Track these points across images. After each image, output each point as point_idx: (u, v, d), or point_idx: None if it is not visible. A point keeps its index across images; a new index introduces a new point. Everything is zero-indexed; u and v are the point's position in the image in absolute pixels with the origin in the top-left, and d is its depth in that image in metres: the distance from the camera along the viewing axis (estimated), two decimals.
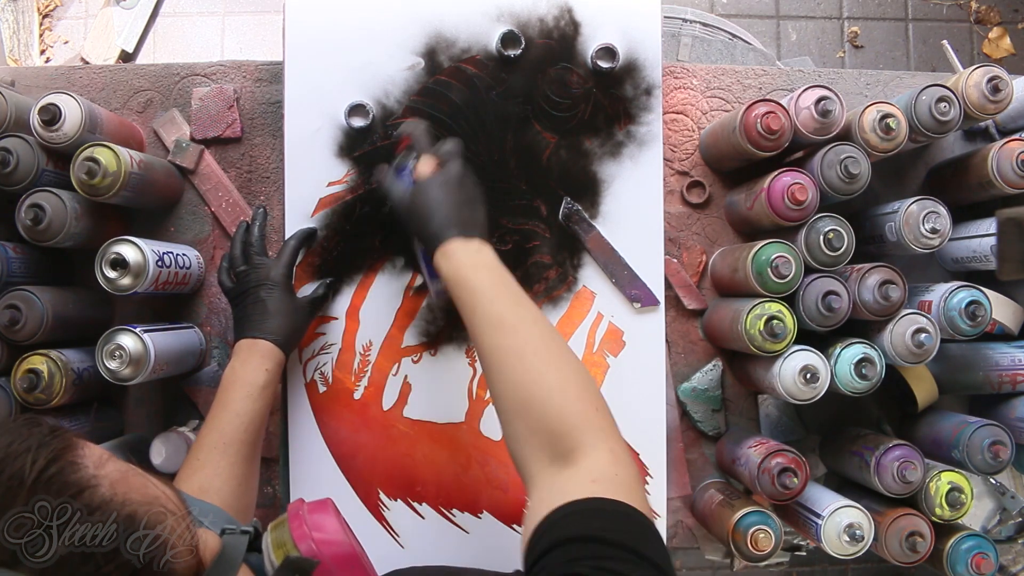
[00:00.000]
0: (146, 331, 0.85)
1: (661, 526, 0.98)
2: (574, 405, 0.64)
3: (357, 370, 0.97)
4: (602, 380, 0.98)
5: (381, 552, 0.96)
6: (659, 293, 0.99)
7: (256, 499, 0.85)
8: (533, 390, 0.65)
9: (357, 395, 0.97)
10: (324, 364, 0.97)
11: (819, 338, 0.91)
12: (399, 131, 0.89)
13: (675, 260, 1.02)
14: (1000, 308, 0.97)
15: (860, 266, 0.88)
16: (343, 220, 0.97)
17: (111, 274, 0.83)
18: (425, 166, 0.80)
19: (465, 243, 0.75)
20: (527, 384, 0.65)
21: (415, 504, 0.97)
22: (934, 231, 0.86)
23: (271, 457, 0.99)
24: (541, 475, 0.62)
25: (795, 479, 0.85)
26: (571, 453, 0.61)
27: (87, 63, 1.99)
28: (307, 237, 0.94)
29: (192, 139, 1.00)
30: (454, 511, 0.97)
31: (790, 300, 0.89)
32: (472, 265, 0.73)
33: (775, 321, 0.86)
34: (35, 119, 0.84)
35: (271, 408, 0.85)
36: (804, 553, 1.09)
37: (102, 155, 0.83)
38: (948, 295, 0.88)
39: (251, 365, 0.83)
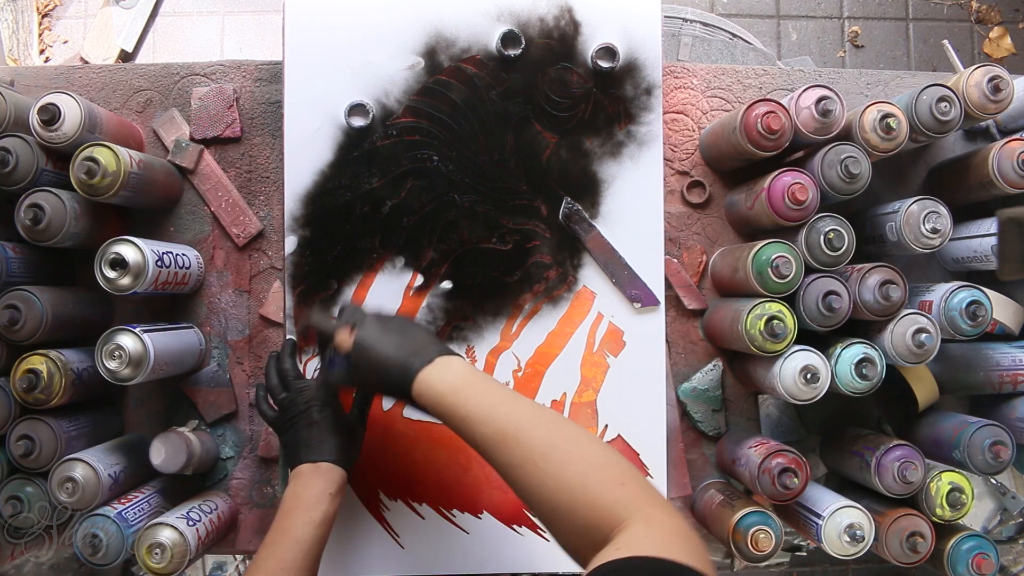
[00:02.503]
0: (146, 331, 0.85)
1: None
2: (599, 492, 0.62)
3: None
4: (602, 380, 0.98)
5: (381, 552, 0.96)
6: (659, 293, 0.99)
7: None
8: (557, 495, 0.64)
9: None
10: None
11: (819, 338, 0.91)
12: (299, 332, 0.86)
13: (675, 260, 1.02)
14: (1001, 308, 0.97)
15: (860, 266, 0.88)
16: (343, 220, 0.97)
17: (111, 274, 0.83)
18: (343, 338, 0.78)
19: (428, 371, 0.73)
20: (549, 491, 0.64)
21: (415, 504, 0.97)
22: (935, 231, 0.86)
23: (271, 457, 0.99)
24: (588, 565, 0.61)
25: (795, 479, 0.85)
26: (611, 535, 0.60)
27: (86, 63, 1.99)
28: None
29: (192, 139, 1.00)
30: (454, 511, 0.97)
31: (790, 300, 0.88)
32: (450, 391, 0.71)
33: (775, 321, 0.85)
34: (34, 119, 0.84)
35: (329, 533, 0.81)
36: (804, 553, 1.09)
37: (102, 155, 0.82)
38: (949, 295, 0.87)
39: (315, 490, 0.79)
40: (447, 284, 0.97)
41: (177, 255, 0.92)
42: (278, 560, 0.75)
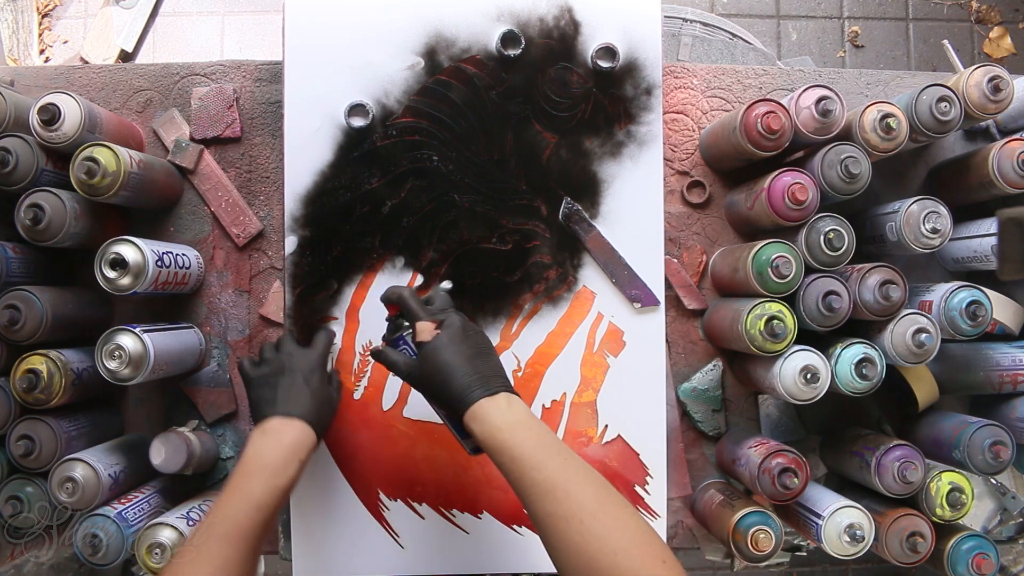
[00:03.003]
0: (146, 331, 0.85)
1: (661, 526, 0.98)
2: (641, 565, 0.61)
3: (357, 370, 0.97)
4: (602, 380, 0.98)
5: (381, 552, 0.96)
6: (659, 293, 0.99)
7: None
8: (596, 555, 0.62)
9: (357, 395, 0.97)
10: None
11: (819, 338, 0.91)
12: (383, 297, 0.84)
13: (675, 260, 1.02)
14: (1001, 308, 0.97)
15: (860, 266, 0.88)
16: (343, 220, 0.97)
17: (111, 274, 0.83)
18: (424, 330, 0.77)
19: (492, 401, 0.72)
20: (590, 550, 0.62)
21: (415, 504, 0.97)
22: (935, 231, 0.86)
23: None
24: None
25: (795, 479, 0.85)
26: None
27: (86, 63, 1.99)
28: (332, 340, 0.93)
29: (192, 139, 1.00)
30: (454, 511, 0.97)
31: (790, 300, 0.88)
32: (507, 427, 0.70)
33: (775, 321, 0.85)
34: (34, 119, 0.84)
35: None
36: (804, 553, 1.09)
37: (101, 155, 0.82)
38: (949, 295, 0.87)
39: (282, 451, 0.75)
40: (447, 284, 0.97)
41: (177, 255, 0.92)
42: (236, 525, 0.70)
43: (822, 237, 0.86)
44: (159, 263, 0.86)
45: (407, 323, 0.80)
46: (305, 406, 0.79)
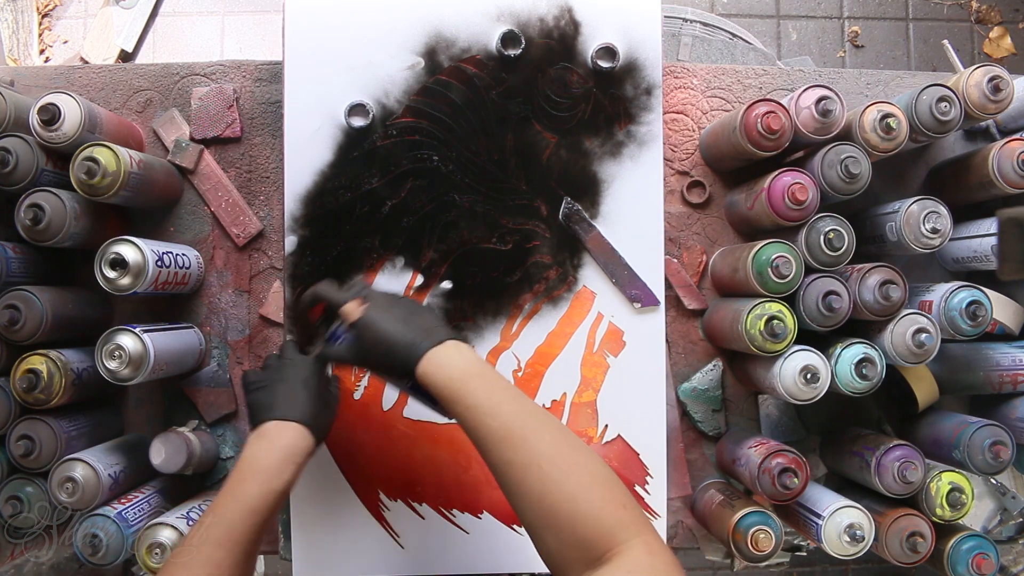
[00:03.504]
0: (146, 331, 0.85)
1: (661, 526, 0.98)
2: (601, 508, 0.61)
3: (357, 370, 0.97)
4: (602, 380, 0.98)
5: (381, 552, 0.96)
6: (659, 293, 0.99)
7: None
8: (556, 501, 0.62)
9: (357, 395, 0.97)
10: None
11: (819, 338, 0.91)
12: (302, 304, 0.83)
13: (675, 260, 1.02)
14: (1001, 308, 0.97)
15: (860, 266, 0.88)
16: (343, 220, 0.97)
17: (111, 274, 0.83)
18: (351, 311, 0.75)
19: (440, 350, 0.70)
20: (548, 496, 0.62)
21: (415, 504, 0.97)
22: (935, 231, 0.86)
23: None
24: None
25: (795, 479, 0.85)
26: (606, 555, 0.59)
27: (86, 63, 1.99)
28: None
29: (192, 139, 1.00)
30: (454, 511, 0.97)
31: (790, 300, 0.88)
32: (460, 376, 0.69)
33: (775, 321, 0.85)
34: (34, 119, 0.84)
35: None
36: (804, 553, 1.09)
37: (101, 155, 0.82)
38: (949, 295, 0.87)
39: (278, 455, 0.73)
40: (447, 284, 0.97)
41: (177, 255, 0.92)
42: (230, 529, 0.68)
43: (822, 237, 0.86)
44: (159, 263, 0.86)
45: (336, 314, 0.78)
46: (302, 409, 0.77)
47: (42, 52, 2.16)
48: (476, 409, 0.67)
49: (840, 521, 0.85)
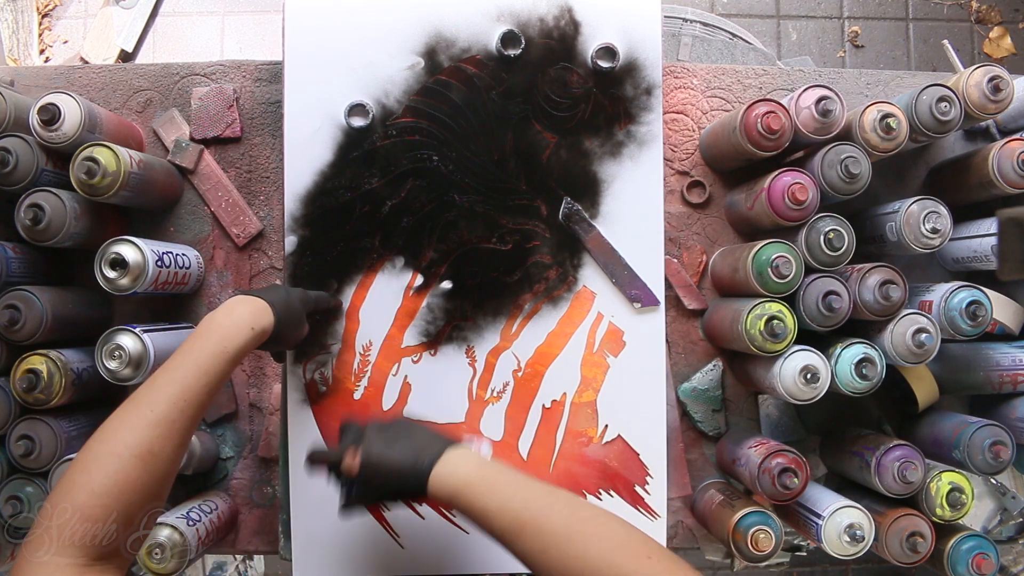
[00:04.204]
0: (146, 331, 0.85)
1: (661, 526, 0.98)
2: (626, 570, 0.62)
3: (357, 370, 0.97)
4: (602, 380, 0.98)
5: (381, 552, 0.96)
6: (659, 293, 0.99)
7: None
8: (581, 574, 0.63)
9: (357, 395, 0.97)
10: (324, 364, 0.97)
11: (819, 338, 0.91)
12: (307, 470, 0.82)
13: (675, 260, 1.02)
14: (1001, 308, 0.97)
15: (860, 266, 0.88)
16: (343, 220, 0.97)
17: (111, 274, 0.83)
18: (348, 463, 0.77)
19: (439, 471, 0.72)
20: (573, 572, 0.63)
21: (415, 504, 0.97)
22: (935, 231, 0.86)
23: (271, 457, 0.99)
24: None
25: (795, 479, 0.85)
26: None
27: (86, 63, 1.99)
28: (334, 307, 0.96)
29: (192, 139, 1.00)
30: (454, 511, 0.97)
31: (790, 300, 0.88)
32: (462, 487, 0.71)
33: (775, 321, 0.85)
34: (34, 119, 0.84)
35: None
36: (804, 553, 1.09)
37: (101, 155, 0.82)
38: (949, 295, 0.87)
39: (235, 318, 0.75)
40: (447, 284, 0.97)
41: (177, 255, 0.92)
42: (184, 390, 0.69)
43: (822, 237, 0.86)
44: (159, 263, 0.86)
45: (341, 476, 0.80)
46: (269, 295, 0.80)
47: (42, 52, 2.16)
48: (484, 513, 0.69)
49: (840, 521, 0.85)
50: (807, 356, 0.86)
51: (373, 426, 0.79)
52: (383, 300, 0.97)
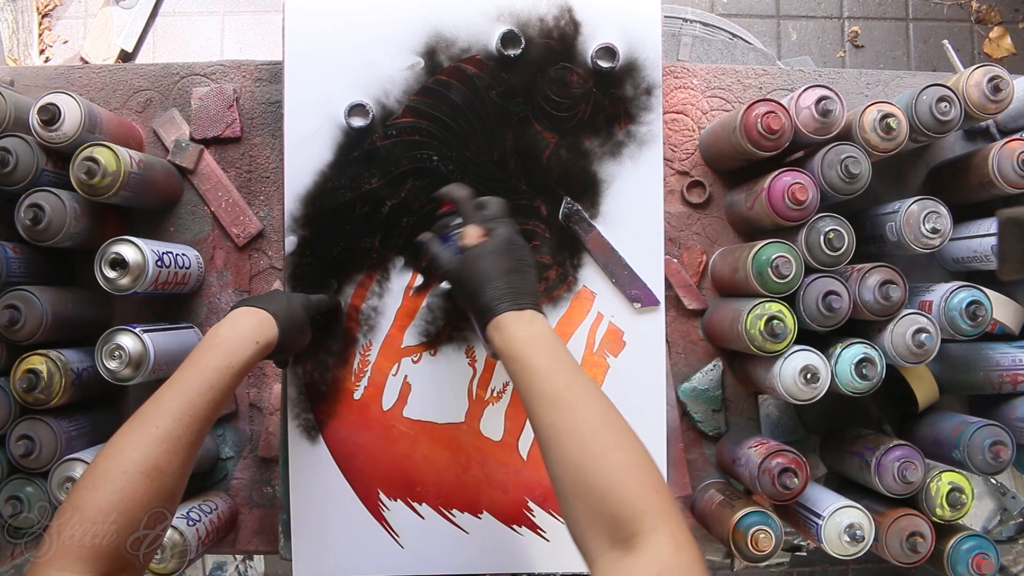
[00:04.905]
0: (146, 331, 0.85)
1: None
2: (635, 489, 0.62)
3: (357, 370, 0.97)
4: (602, 380, 0.98)
5: (381, 552, 0.96)
6: (659, 293, 0.99)
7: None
8: (593, 472, 0.62)
9: (357, 395, 0.97)
10: (324, 364, 0.97)
11: (819, 338, 0.91)
12: (440, 193, 0.86)
13: (675, 260, 1.02)
14: (1001, 308, 0.97)
15: (860, 266, 0.88)
16: (343, 220, 0.97)
17: (111, 274, 0.83)
18: (471, 235, 0.78)
19: (517, 316, 0.73)
20: (586, 466, 0.63)
21: (415, 504, 0.97)
22: (935, 231, 0.86)
23: (271, 457, 0.99)
24: (601, 560, 0.60)
25: (795, 479, 0.85)
26: (632, 538, 0.59)
27: (86, 63, 1.99)
28: (334, 308, 0.96)
29: (192, 139, 1.00)
30: (454, 511, 0.97)
31: (790, 300, 0.88)
32: (525, 339, 0.71)
33: (775, 321, 0.86)
34: (34, 119, 0.84)
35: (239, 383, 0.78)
36: (804, 553, 1.09)
37: (101, 155, 0.82)
38: (949, 295, 0.87)
39: (240, 331, 0.75)
40: (447, 284, 0.97)
41: (177, 255, 0.92)
42: (189, 405, 0.69)
43: (822, 237, 0.86)
44: (159, 263, 0.86)
45: (458, 222, 0.82)
46: (273, 305, 0.80)
47: (42, 52, 2.16)
48: (532, 371, 0.69)
49: (840, 521, 0.85)
50: (807, 356, 0.86)
51: (511, 236, 0.79)
52: (383, 300, 0.97)
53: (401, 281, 0.98)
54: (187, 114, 1.01)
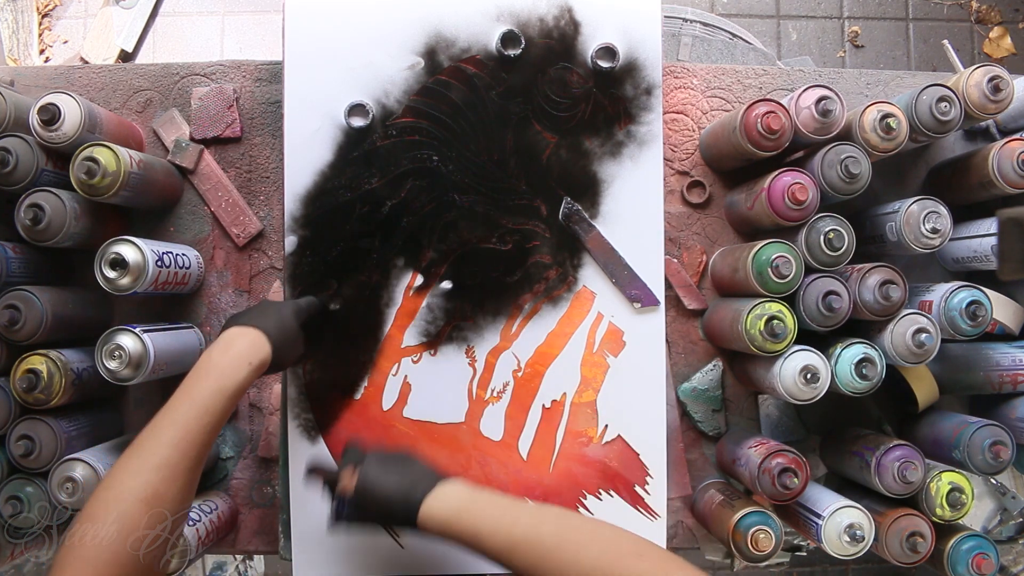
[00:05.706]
0: (146, 331, 0.85)
1: (661, 526, 0.98)
2: (619, 569, 0.64)
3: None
4: (602, 380, 0.98)
5: (381, 552, 0.96)
6: (659, 293, 0.99)
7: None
8: None
9: (357, 395, 0.97)
10: (324, 364, 0.97)
11: (819, 338, 0.91)
12: (306, 477, 0.86)
13: (675, 260, 1.02)
14: (1001, 308, 0.97)
15: (860, 266, 0.88)
16: (343, 220, 0.97)
17: (111, 274, 0.83)
18: (345, 482, 0.78)
19: (429, 503, 0.74)
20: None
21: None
22: (935, 231, 0.86)
23: (271, 457, 0.99)
24: None
25: (795, 479, 0.85)
26: None
27: (86, 63, 1.99)
28: (322, 306, 0.96)
29: (192, 139, 1.00)
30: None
31: (790, 300, 0.88)
32: (453, 515, 0.73)
33: (775, 321, 0.85)
34: (34, 119, 0.84)
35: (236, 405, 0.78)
36: (804, 553, 1.09)
37: (101, 155, 0.82)
38: (949, 295, 0.87)
39: (233, 353, 0.75)
40: (447, 284, 0.97)
41: (177, 255, 0.92)
42: (186, 432, 0.69)
43: (822, 237, 0.86)
44: (159, 263, 0.86)
45: (335, 486, 0.81)
46: (264, 321, 0.80)
47: (42, 52, 2.16)
48: (477, 536, 0.72)
49: (840, 521, 0.85)
50: (807, 356, 0.86)
51: (375, 454, 0.80)
52: (383, 300, 0.97)
53: (401, 281, 0.98)
54: (187, 114, 1.01)
